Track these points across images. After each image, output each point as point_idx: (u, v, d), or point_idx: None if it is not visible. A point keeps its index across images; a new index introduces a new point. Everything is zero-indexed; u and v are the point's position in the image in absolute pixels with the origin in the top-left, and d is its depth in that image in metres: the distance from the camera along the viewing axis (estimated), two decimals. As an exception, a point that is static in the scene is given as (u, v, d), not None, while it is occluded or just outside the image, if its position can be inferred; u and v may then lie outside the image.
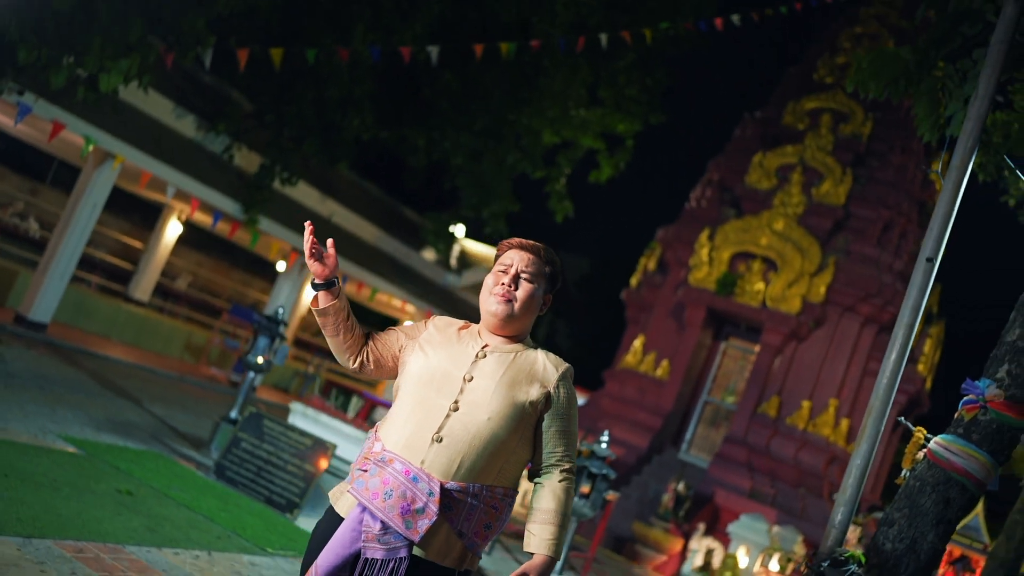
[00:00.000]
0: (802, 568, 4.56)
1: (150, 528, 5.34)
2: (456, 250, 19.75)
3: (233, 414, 8.50)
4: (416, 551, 2.53)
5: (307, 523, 7.17)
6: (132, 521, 5.33)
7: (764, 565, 11.59)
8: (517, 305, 2.75)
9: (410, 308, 18.00)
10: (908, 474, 4.47)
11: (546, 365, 2.76)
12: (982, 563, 17.29)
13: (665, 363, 16.05)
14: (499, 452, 2.62)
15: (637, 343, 16.53)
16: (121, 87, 10.95)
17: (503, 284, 2.75)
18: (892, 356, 4.52)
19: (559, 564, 7.11)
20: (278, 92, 13.95)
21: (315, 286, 2.74)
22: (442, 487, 2.53)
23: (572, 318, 31.74)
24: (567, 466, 2.72)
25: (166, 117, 13.25)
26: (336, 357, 2.87)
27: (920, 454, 4.46)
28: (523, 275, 2.77)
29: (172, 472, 7.04)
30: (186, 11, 8.91)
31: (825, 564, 4.30)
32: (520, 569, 2.59)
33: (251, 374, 8.71)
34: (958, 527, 15.00)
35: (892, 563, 4.19)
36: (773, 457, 14.68)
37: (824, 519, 14.07)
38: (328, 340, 2.81)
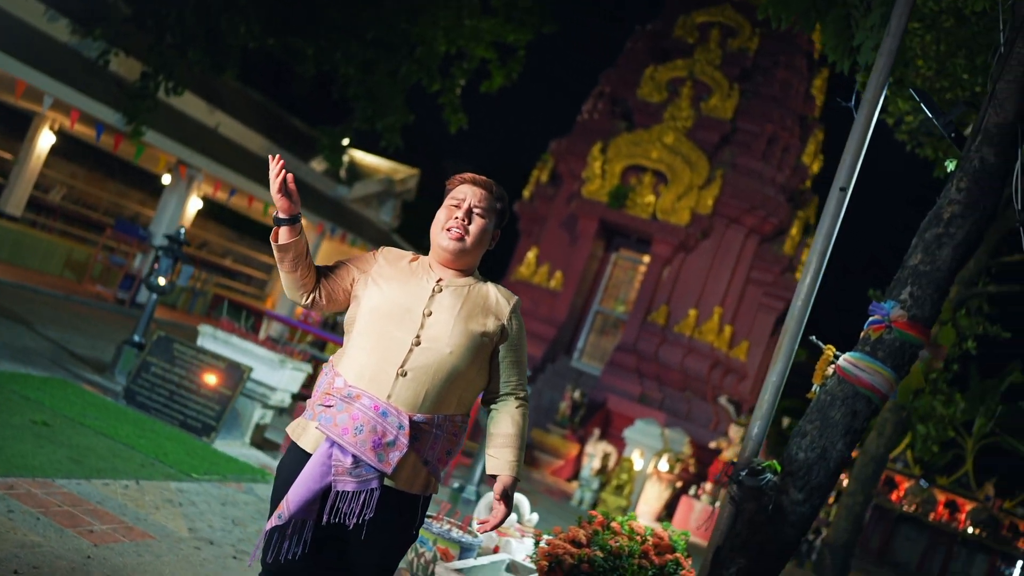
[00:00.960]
0: (721, 478, 4.91)
1: (75, 459, 5.28)
2: (346, 161, 19.38)
3: (136, 337, 8.32)
4: (386, 481, 2.64)
5: (224, 446, 7.17)
6: (56, 453, 5.25)
7: (656, 466, 12.24)
8: (470, 240, 2.83)
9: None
10: (818, 389, 4.83)
11: (498, 299, 2.87)
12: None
13: (559, 274, 16.38)
14: (459, 383, 2.74)
15: (530, 255, 16.79)
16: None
17: (456, 219, 2.82)
18: (806, 281, 4.82)
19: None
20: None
21: (279, 221, 2.70)
22: (410, 420, 2.63)
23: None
24: (522, 394, 2.88)
25: (37, 20, 12.39)
26: (288, 292, 2.86)
27: (829, 370, 4.82)
28: (475, 210, 2.84)
29: (83, 400, 6.89)
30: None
31: (743, 474, 4.65)
32: (496, 492, 2.75)
33: (152, 296, 8.50)
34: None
35: (804, 471, 4.56)
36: (661, 363, 15.33)
37: (708, 420, 14.90)
38: (283, 276, 2.78)
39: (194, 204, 16.28)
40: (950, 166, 5.12)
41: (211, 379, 7.20)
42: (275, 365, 7.51)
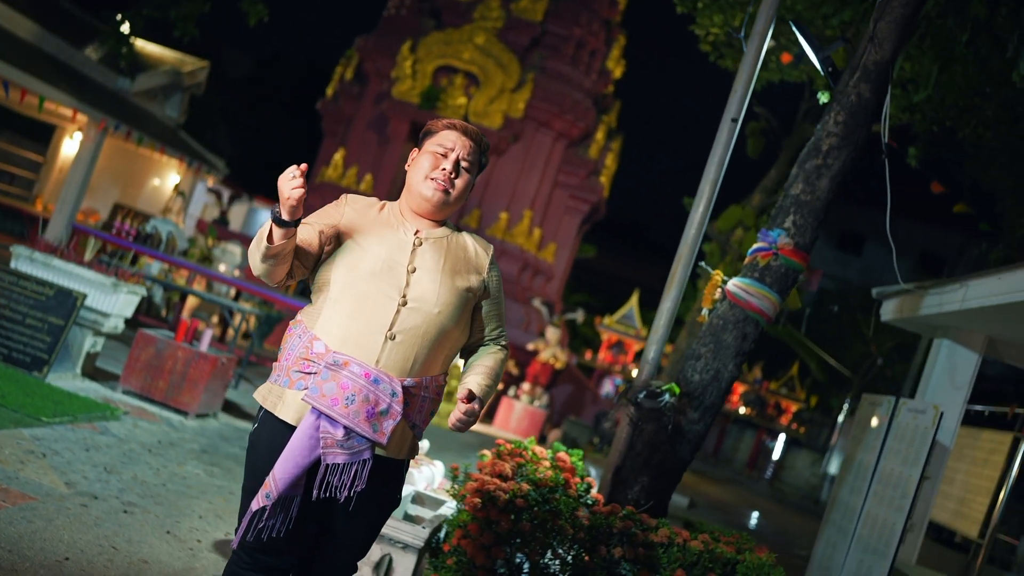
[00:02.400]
0: (618, 400, 5.09)
1: (-89, 413, 4.67)
2: (127, 51, 17.66)
3: (-68, 259, 7.36)
4: (377, 450, 2.54)
5: (58, 380, 6.59)
6: None
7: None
8: (454, 194, 2.70)
9: (82, 118, 16.04)
10: (708, 313, 5.07)
11: (477, 250, 2.78)
12: (635, 347, 19.82)
13: (368, 177, 16.01)
14: (446, 343, 2.66)
15: (337, 156, 16.27)
16: None
17: (444, 170, 2.68)
18: (700, 207, 4.99)
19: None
20: None
21: (282, 222, 2.40)
22: (403, 386, 2.52)
23: (265, 128, 30.02)
24: (504, 342, 2.85)
25: None
26: (262, 277, 2.58)
27: (717, 294, 5.06)
28: (463, 163, 2.71)
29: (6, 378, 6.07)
30: None
31: (641, 396, 4.84)
32: (461, 392, 2.64)
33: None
34: (616, 317, 16.85)
35: (699, 391, 4.82)
36: (476, 267, 15.48)
37: (520, 322, 15.31)
38: (260, 265, 2.49)
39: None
40: (823, 98, 5.41)
41: (37, 307, 6.53)
42: (107, 289, 6.92)
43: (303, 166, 2.41)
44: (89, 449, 5.16)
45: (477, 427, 12.40)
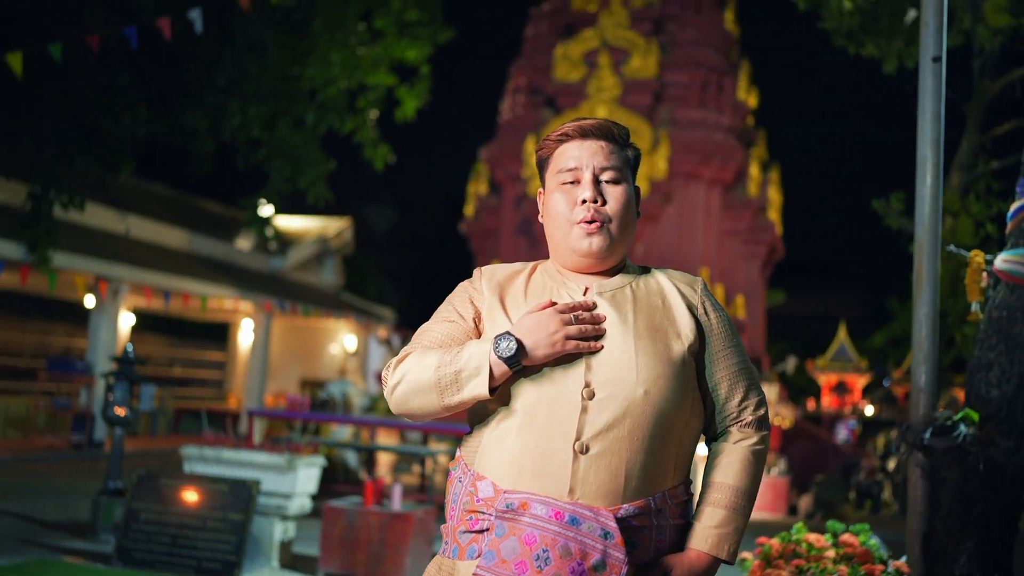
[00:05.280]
0: (900, 449, 3.93)
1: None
2: (272, 232, 18.14)
3: (112, 483, 7.06)
4: None
5: (254, 580, 5.99)
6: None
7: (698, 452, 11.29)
8: (615, 226, 1.82)
9: (244, 306, 16.40)
10: (979, 308, 3.89)
11: (679, 289, 1.87)
12: (859, 382, 17.97)
13: (529, 283, 15.42)
14: (671, 435, 1.74)
15: (493, 272, 15.79)
16: None
17: (585, 203, 1.80)
18: (927, 178, 3.87)
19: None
20: (27, 107, 11.87)
21: (519, 368, 1.72)
22: (616, 519, 1.64)
23: (413, 272, 30.55)
24: (749, 417, 1.83)
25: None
26: (411, 418, 1.86)
27: (984, 281, 3.88)
28: (606, 175, 1.84)
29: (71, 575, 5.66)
30: None
31: (928, 435, 3.67)
32: (665, 564, 1.72)
33: (117, 431, 7.27)
34: (829, 356, 15.19)
35: (1005, 410, 3.60)
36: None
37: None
38: (439, 414, 1.80)
39: (126, 320, 14.92)
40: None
41: (215, 507, 6.01)
42: (283, 469, 6.35)
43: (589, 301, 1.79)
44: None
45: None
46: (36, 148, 11.99)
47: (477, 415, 1.82)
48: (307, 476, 6.50)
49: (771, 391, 12.31)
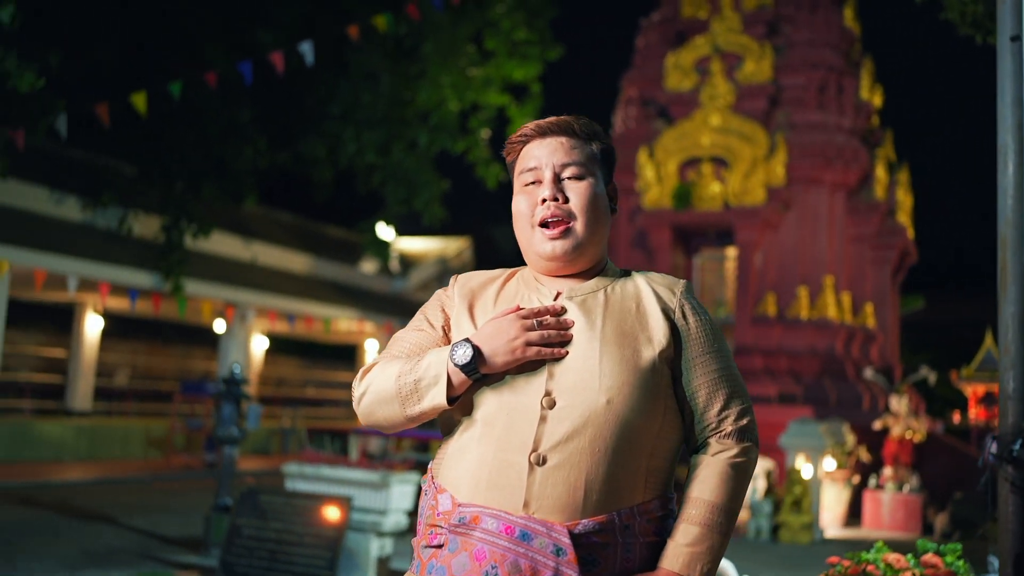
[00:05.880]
0: (984, 461, 3.62)
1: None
2: (395, 253, 18.58)
3: (223, 500, 7.32)
4: None
5: (348, 595, 6.07)
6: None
7: (827, 468, 10.77)
8: (581, 225, 1.72)
9: (368, 326, 16.82)
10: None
11: (655, 290, 1.75)
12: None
13: (646, 297, 15.17)
14: (639, 448, 1.63)
15: (610, 286, 15.62)
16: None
17: (544, 203, 1.72)
18: (1009, 165, 3.56)
19: None
20: (154, 144, 12.60)
21: (478, 377, 1.66)
22: (571, 535, 1.54)
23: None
24: (729, 428, 1.69)
25: (44, 206, 11.85)
26: (395, 428, 1.79)
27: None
28: (567, 171, 1.74)
29: (174, 591, 5.88)
30: (14, 73, 7.57)
31: (1018, 447, 3.36)
32: None
33: (227, 449, 7.54)
34: (974, 366, 14.37)
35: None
36: (789, 355, 13.90)
37: (857, 400, 13.37)
38: (404, 425, 1.73)
39: (259, 343, 15.53)
40: None
41: (311, 523, 6.14)
42: (377, 486, 6.43)
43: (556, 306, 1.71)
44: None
45: (838, 532, 10.58)
46: (166, 183, 12.69)
47: (446, 425, 1.76)
48: (401, 493, 6.56)
49: (901, 404, 11.63)
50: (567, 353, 1.65)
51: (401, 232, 18.99)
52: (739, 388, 1.74)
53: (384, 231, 17.09)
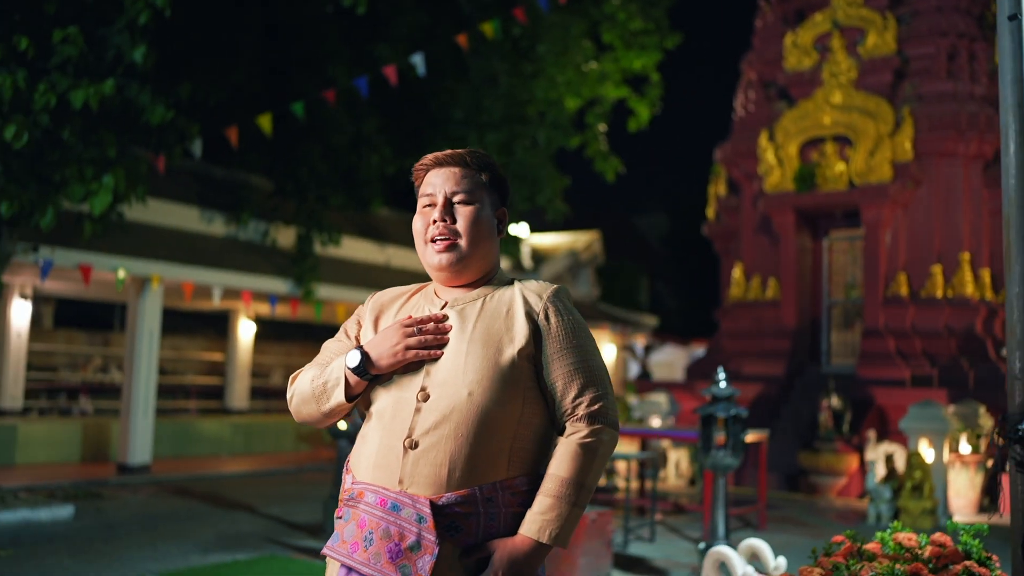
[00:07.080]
0: (996, 441, 3.63)
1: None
2: (526, 250, 19.01)
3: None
4: None
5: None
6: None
7: (954, 450, 10.41)
8: (465, 242, 2.03)
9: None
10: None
11: (525, 296, 2.03)
12: None
13: (772, 282, 14.96)
14: (500, 433, 1.92)
15: (736, 272, 15.49)
16: (138, 208, 10.69)
17: (435, 223, 2.03)
18: (1010, 145, 3.53)
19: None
20: (284, 158, 13.52)
21: (370, 378, 2.00)
22: (433, 505, 1.84)
23: (668, 277, 30.56)
24: (584, 411, 1.94)
25: (190, 223, 12.95)
26: (320, 424, 2.14)
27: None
28: (455, 199, 2.05)
29: (287, 570, 6.47)
30: (147, 108, 8.40)
31: (1023, 426, 3.37)
32: (493, 565, 1.86)
33: (341, 442, 8.14)
34: None
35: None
36: (922, 336, 13.42)
37: (999, 381, 12.74)
38: (325, 420, 2.09)
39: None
40: None
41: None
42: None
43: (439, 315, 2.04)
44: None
45: (968, 517, 10.17)
46: (300, 195, 13.57)
47: (363, 418, 2.11)
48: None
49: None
50: (442, 354, 1.97)
51: (533, 229, 19.42)
52: (594, 378, 1.99)
53: (517, 228, 17.56)
